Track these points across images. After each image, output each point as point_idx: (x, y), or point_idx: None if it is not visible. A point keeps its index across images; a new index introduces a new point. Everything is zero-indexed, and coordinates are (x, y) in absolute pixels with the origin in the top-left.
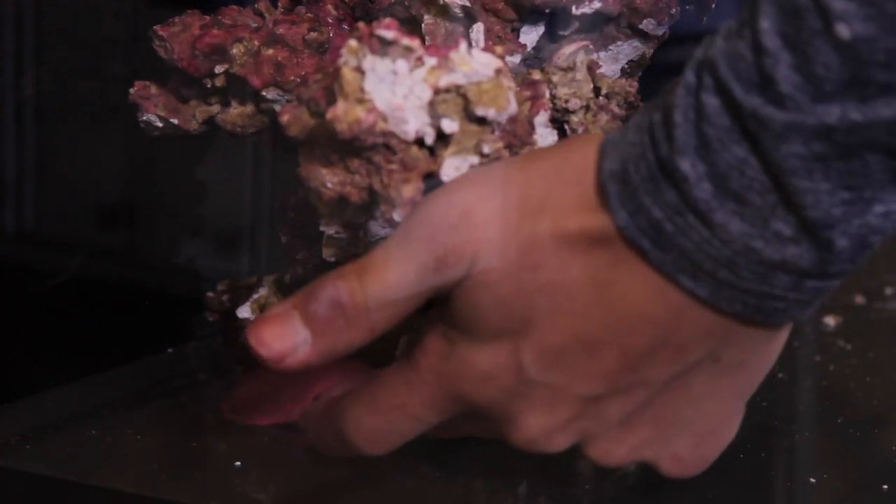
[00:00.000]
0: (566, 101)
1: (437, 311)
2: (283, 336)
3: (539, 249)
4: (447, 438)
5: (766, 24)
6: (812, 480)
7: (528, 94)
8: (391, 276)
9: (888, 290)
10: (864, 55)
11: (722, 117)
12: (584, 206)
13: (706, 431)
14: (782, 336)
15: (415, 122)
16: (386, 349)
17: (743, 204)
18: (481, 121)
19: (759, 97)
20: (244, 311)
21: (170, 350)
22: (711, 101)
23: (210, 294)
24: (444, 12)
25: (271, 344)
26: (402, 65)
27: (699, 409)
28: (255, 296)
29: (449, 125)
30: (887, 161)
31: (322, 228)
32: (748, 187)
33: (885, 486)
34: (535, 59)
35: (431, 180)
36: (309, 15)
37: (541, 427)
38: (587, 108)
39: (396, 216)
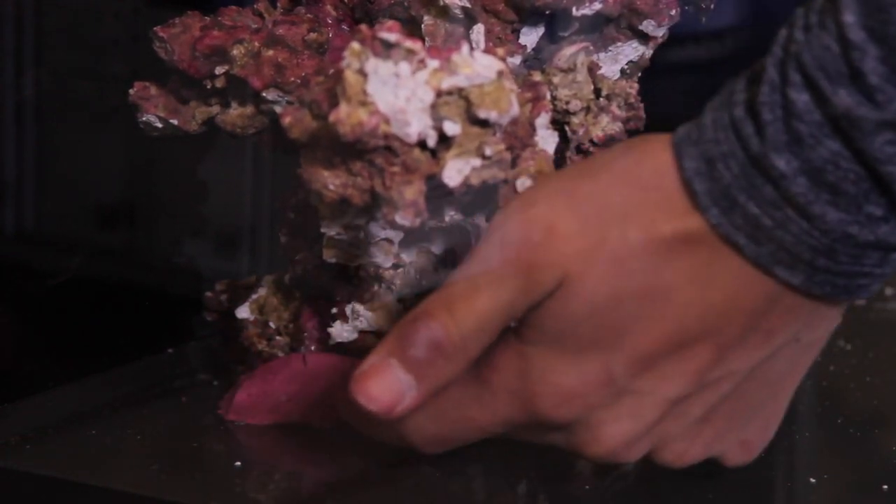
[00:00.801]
0: (567, 103)
1: (512, 329)
2: (390, 388)
3: (632, 256)
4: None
5: (850, 18)
6: (812, 480)
7: (528, 95)
8: (483, 305)
9: (888, 291)
10: None
11: (813, 113)
12: (670, 209)
13: (774, 411)
14: (841, 311)
15: (417, 125)
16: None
17: (838, 194)
18: (483, 123)
19: (848, 90)
20: (243, 311)
21: (170, 350)
22: (801, 98)
23: (209, 294)
24: (444, 13)
25: (380, 398)
26: (404, 67)
27: (773, 391)
28: (255, 296)
29: (451, 127)
30: None
31: (323, 230)
32: (843, 178)
33: (885, 487)
34: (536, 60)
35: (433, 182)
36: (308, 16)
37: (624, 436)
38: (588, 109)
39: (398, 218)
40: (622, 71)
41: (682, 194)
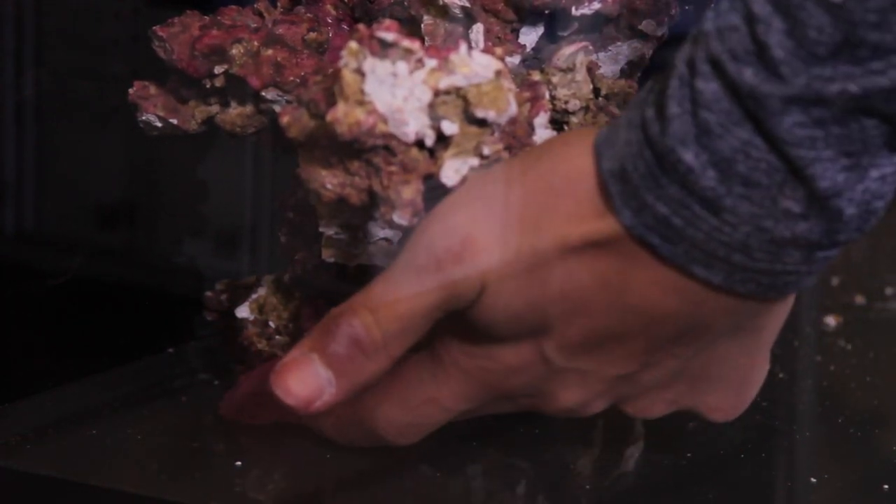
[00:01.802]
0: (566, 102)
1: (456, 314)
2: (307, 382)
3: (544, 265)
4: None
5: None
6: (812, 480)
7: (527, 95)
8: (404, 309)
9: (888, 290)
10: (856, 15)
11: (720, 101)
12: (582, 213)
13: (738, 381)
14: (788, 300)
15: (415, 124)
16: None
17: (750, 186)
18: (481, 122)
19: (754, 69)
20: (243, 311)
21: (170, 350)
22: (708, 87)
23: (208, 294)
24: (444, 13)
25: (298, 392)
26: (402, 67)
27: (727, 364)
28: (254, 295)
29: (449, 127)
30: (882, 125)
31: (321, 229)
32: (755, 168)
33: (886, 486)
34: (535, 59)
35: (431, 182)
36: (308, 15)
37: (577, 400)
38: (587, 109)
39: (396, 217)
40: (621, 71)
41: (596, 198)
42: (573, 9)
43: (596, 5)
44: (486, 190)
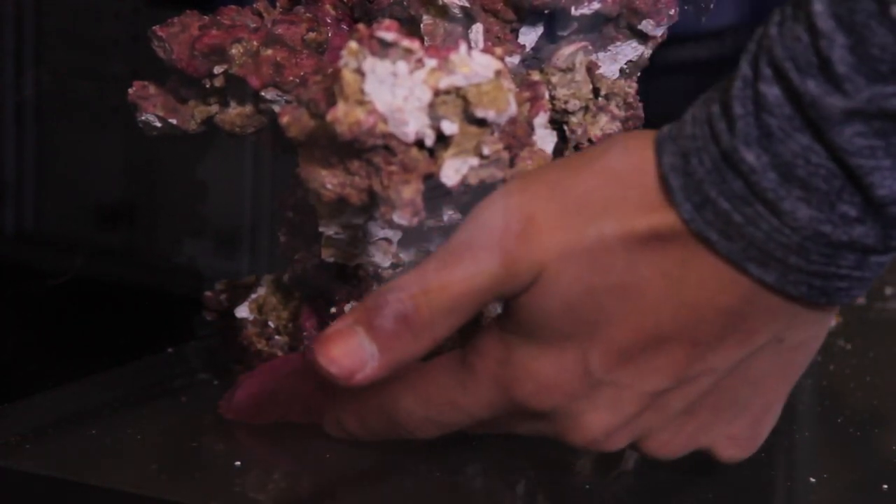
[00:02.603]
0: (565, 102)
1: (496, 316)
2: (352, 353)
3: (608, 252)
4: (486, 433)
5: (818, 6)
6: (812, 480)
7: (527, 95)
8: (457, 288)
9: (888, 290)
10: None
11: (783, 107)
12: (649, 205)
13: (761, 411)
14: (832, 316)
15: (414, 124)
16: None
17: (809, 190)
18: (481, 122)
19: (816, 80)
20: (242, 311)
21: (169, 350)
22: (771, 92)
23: (208, 293)
24: (443, 13)
25: (341, 361)
26: (402, 66)
27: (758, 389)
28: (254, 295)
29: (449, 127)
30: None
31: (321, 229)
32: (813, 174)
33: (885, 486)
34: (534, 59)
35: (431, 182)
36: (307, 15)
37: (604, 427)
38: (586, 108)
39: (396, 217)
40: (621, 70)
41: (659, 190)
42: (573, 9)
43: (595, 5)
44: (549, 175)
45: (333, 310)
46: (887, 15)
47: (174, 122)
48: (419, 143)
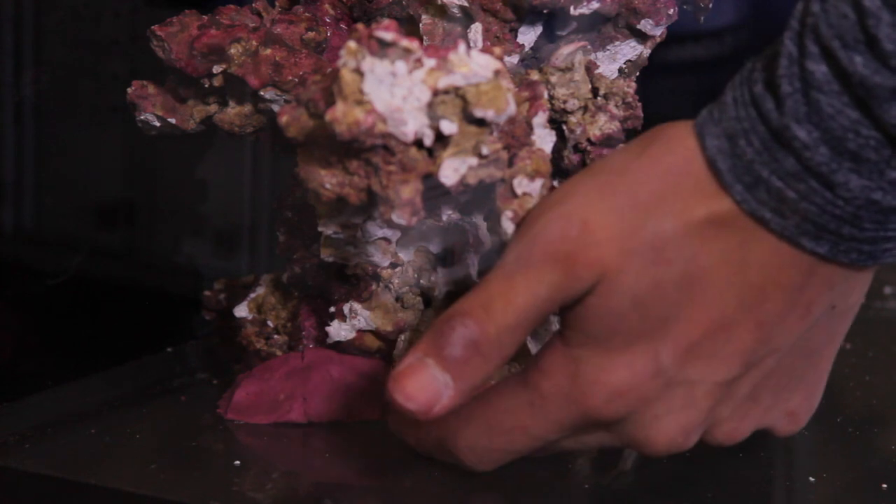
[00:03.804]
0: (564, 102)
1: (556, 332)
2: (426, 387)
3: (669, 243)
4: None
5: None
6: (812, 480)
7: (526, 94)
8: (521, 301)
9: (887, 290)
10: None
11: (831, 83)
12: (701, 191)
13: (816, 380)
14: (871, 275)
15: (413, 124)
16: (387, 348)
17: (860, 162)
18: (480, 122)
19: (864, 58)
20: (241, 310)
21: (169, 349)
22: (819, 69)
23: (207, 293)
24: (442, 12)
25: (417, 397)
26: (400, 66)
27: (814, 360)
28: (253, 295)
29: (448, 126)
30: None
31: (320, 229)
32: (864, 146)
33: (885, 486)
34: (533, 59)
35: (430, 181)
36: (306, 14)
37: (682, 427)
38: (585, 108)
39: (395, 217)
40: (620, 70)
41: (708, 175)
42: (572, 8)
43: (594, 5)
44: (597, 178)
45: (332, 309)
46: None
47: (173, 121)
48: (418, 143)
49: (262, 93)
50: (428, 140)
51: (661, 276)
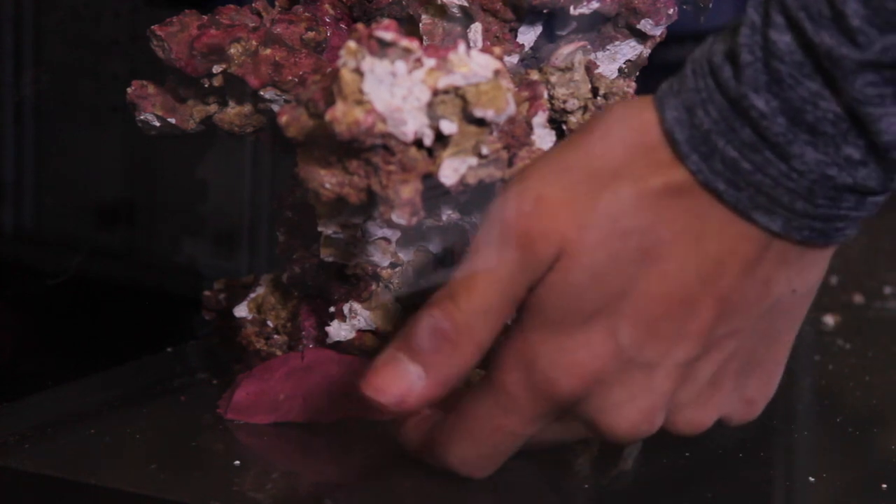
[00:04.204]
0: (564, 102)
1: (508, 327)
2: (397, 379)
3: (626, 214)
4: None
5: None
6: (811, 480)
7: (526, 94)
8: (483, 285)
9: (887, 290)
10: None
11: (794, 54)
12: (656, 162)
13: (773, 367)
14: (828, 259)
15: (413, 124)
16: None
17: (816, 134)
18: (480, 122)
19: (830, 32)
20: (241, 310)
21: (169, 349)
22: (782, 39)
23: (207, 293)
24: (442, 12)
25: (388, 390)
26: (400, 66)
27: (772, 346)
28: (253, 295)
29: (447, 126)
30: None
31: (320, 228)
32: (822, 118)
33: (885, 486)
34: (533, 59)
35: (430, 181)
36: (306, 14)
37: (643, 412)
38: (585, 108)
39: (395, 217)
40: (620, 70)
41: (665, 146)
42: (571, 8)
43: (594, 4)
44: (550, 156)
45: (332, 309)
46: None
47: (173, 121)
48: (418, 143)
49: (261, 93)
50: (428, 140)
51: (618, 248)
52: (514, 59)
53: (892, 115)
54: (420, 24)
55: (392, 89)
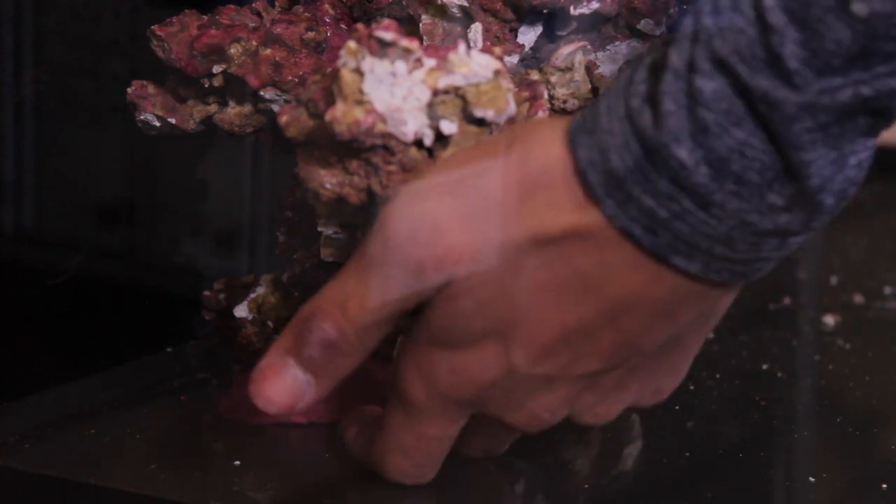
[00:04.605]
0: (564, 102)
1: (406, 337)
2: (288, 388)
3: (519, 253)
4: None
5: (770, 1)
6: (811, 480)
7: (526, 94)
8: (374, 302)
9: (887, 290)
10: (879, 30)
11: (720, 101)
12: (560, 203)
13: (681, 360)
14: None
15: (413, 124)
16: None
17: (741, 184)
18: (480, 122)
19: (766, 76)
20: (241, 311)
21: (169, 349)
22: (708, 86)
23: (207, 293)
24: (442, 12)
25: (279, 400)
26: (400, 66)
27: (680, 352)
28: (253, 295)
29: (448, 126)
30: (870, 119)
31: (320, 229)
32: (748, 167)
33: (885, 486)
34: (533, 59)
35: None
36: (306, 14)
37: (544, 408)
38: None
39: None
40: (620, 70)
41: (573, 186)
42: (572, 8)
43: (594, 4)
44: (453, 176)
45: None
46: (846, 10)
47: (173, 121)
48: (418, 143)
49: (262, 93)
50: (428, 140)
51: (508, 283)
52: (514, 59)
53: (822, 159)
54: (420, 24)
55: (392, 89)
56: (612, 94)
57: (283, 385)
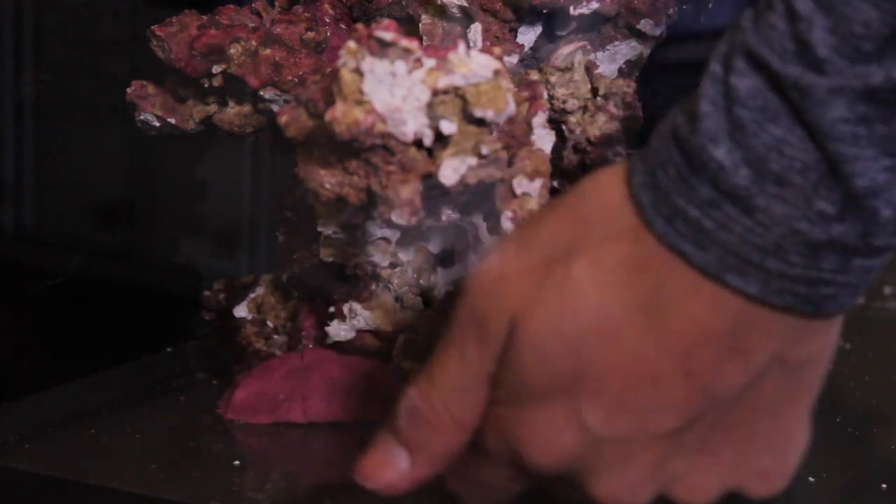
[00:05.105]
0: (564, 102)
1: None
2: (384, 464)
3: (577, 292)
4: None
5: None
6: (811, 480)
7: (526, 94)
8: (452, 364)
9: (887, 290)
10: None
11: (755, 98)
12: (613, 236)
13: (785, 440)
14: (837, 328)
15: (413, 124)
16: (387, 348)
17: (784, 186)
18: (480, 122)
19: (797, 65)
20: (241, 310)
21: (168, 349)
22: (743, 83)
23: (207, 293)
24: (442, 12)
25: (376, 476)
26: (400, 66)
27: (774, 417)
28: (252, 295)
29: (447, 126)
30: None
31: (320, 229)
32: (789, 167)
33: (884, 486)
34: (533, 59)
35: (429, 181)
36: (306, 14)
37: (623, 483)
38: (585, 108)
39: (394, 217)
40: (620, 70)
41: (629, 216)
42: (571, 8)
43: (594, 5)
44: (518, 233)
45: (332, 309)
46: None
47: (173, 121)
48: (418, 143)
49: (261, 93)
50: (427, 140)
51: (568, 327)
52: (514, 60)
53: (867, 159)
54: (420, 24)
55: (392, 89)
56: (664, 121)
57: (379, 459)
